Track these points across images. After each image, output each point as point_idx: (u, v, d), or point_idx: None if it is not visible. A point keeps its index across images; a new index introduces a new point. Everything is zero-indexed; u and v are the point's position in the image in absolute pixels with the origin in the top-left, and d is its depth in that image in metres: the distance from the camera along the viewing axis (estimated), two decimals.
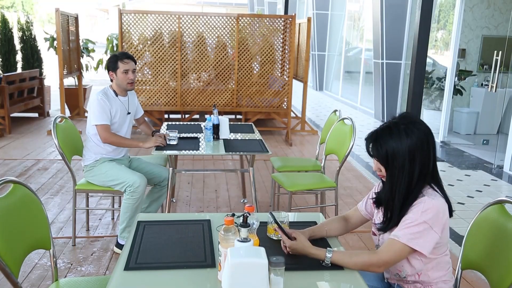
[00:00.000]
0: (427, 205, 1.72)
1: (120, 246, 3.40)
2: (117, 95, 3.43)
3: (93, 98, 3.34)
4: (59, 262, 3.29)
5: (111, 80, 3.43)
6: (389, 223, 1.84)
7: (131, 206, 3.29)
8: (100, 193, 4.28)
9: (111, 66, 3.38)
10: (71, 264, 3.27)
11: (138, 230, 2.03)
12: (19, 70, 8.95)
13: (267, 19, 7.23)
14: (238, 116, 8.45)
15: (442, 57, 8.65)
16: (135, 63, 3.45)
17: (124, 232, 3.36)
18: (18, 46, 8.90)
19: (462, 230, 4.01)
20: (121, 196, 3.60)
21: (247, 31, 7.14)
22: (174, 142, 3.57)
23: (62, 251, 3.46)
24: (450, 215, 1.80)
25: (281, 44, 7.29)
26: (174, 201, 4.57)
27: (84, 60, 9.03)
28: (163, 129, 4.19)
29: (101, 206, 4.41)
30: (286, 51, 7.33)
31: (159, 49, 6.99)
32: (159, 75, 7.08)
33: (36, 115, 8.72)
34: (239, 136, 4.02)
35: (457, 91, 7.99)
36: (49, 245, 2.05)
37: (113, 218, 4.10)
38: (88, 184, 3.47)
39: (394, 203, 1.81)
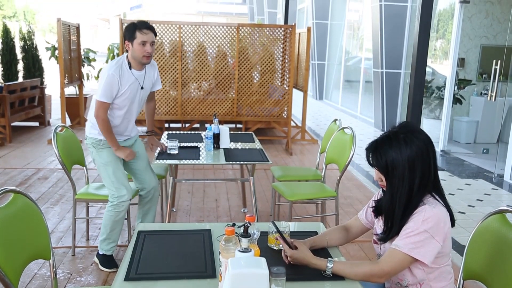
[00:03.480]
0: (428, 213, 1.72)
1: (99, 256, 3.34)
2: (131, 68, 3.15)
3: (104, 71, 3.08)
4: (59, 272, 3.27)
5: (127, 51, 3.16)
6: (389, 233, 1.83)
7: (112, 219, 3.23)
8: (100, 203, 4.27)
9: (128, 35, 3.07)
10: (71, 274, 3.25)
11: (138, 240, 2.02)
12: (20, 79, 8.98)
13: (267, 28, 7.26)
14: (239, 125, 8.45)
15: (442, 66, 8.68)
16: (155, 35, 3.14)
17: (104, 243, 3.30)
18: (19, 55, 8.94)
19: (464, 240, 4.00)
20: None
21: (247, 40, 7.17)
22: (175, 152, 3.57)
23: (62, 261, 3.44)
24: (452, 224, 1.79)
25: (281, 54, 7.32)
26: (174, 210, 4.56)
27: (85, 69, 9.07)
28: (164, 138, 4.19)
29: (101, 216, 4.37)
30: (286, 61, 7.36)
31: (159, 58, 7.01)
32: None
33: (36, 124, 8.73)
34: (239, 145, 4.02)
35: (456, 100, 8.00)
36: (48, 255, 2.04)
37: None
38: (88, 194, 3.46)
39: (395, 213, 1.80)
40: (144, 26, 3.07)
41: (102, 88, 3.06)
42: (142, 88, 3.25)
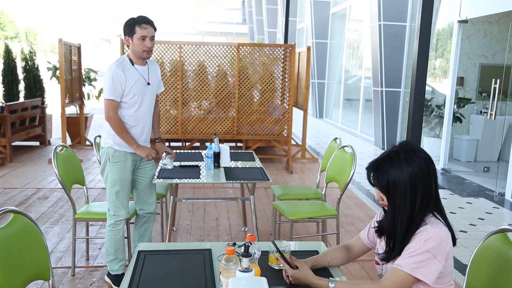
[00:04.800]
0: (430, 233, 1.71)
1: (111, 277, 3.33)
2: (133, 64, 3.13)
3: (107, 70, 3.06)
4: None
5: (127, 46, 3.13)
6: (392, 253, 1.82)
7: (113, 238, 3.24)
8: (100, 222, 4.25)
9: (127, 30, 3.06)
10: None
11: (138, 260, 2.01)
12: (21, 99, 9.02)
13: (267, 48, 7.32)
14: (239, 144, 8.47)
15: (441, 85, 8.72)
16: (155, 30, 3.13)
17: (113, 263, 3.29)
18: (21, 75, 8.99)
19: (465, 259, 3.97)
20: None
21: (248, 60, 7.22)
22: (170, 167, 3.57)
23: (61, 282, 3.41)
24: (454, 243, 1.78)
25: (281, 73, 7.37)
26: (175, 229, 4.54)
27: (86, 89, 9.12)
28: (164, 157, 4.18)
29: (101, 235, 4.37)
30: (286, 80, 7.40)
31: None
32: (160, 103, 7.13)
33: (37, 143, 8.74)
34: (239, 164, 4.02)
35: (456, 119, 8.03)
36: (48, 275, 2.02)
37: None
38: (88, 213, 3.45)
39: (397, 233, 1.79)
40: (143, 20, 3.06)
41: (107, 86, 3.04)
42: (148, 83, 3.21)
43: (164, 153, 3.53)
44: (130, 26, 3.06)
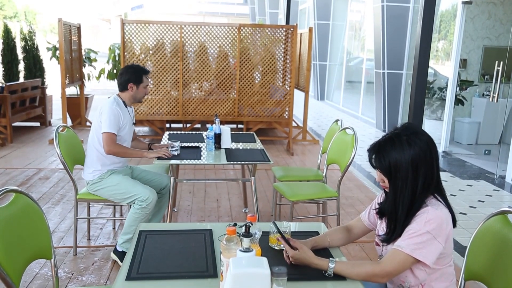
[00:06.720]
0: (431, 215, 1.71)
1: (117, 253, 3.36)
2: (126, 106, 3.42)
3: (107, 107, 3.28)
4: (60, 272, 3.27)
5: (122, 90, 3.39)
6: (392, 234, 1.83)
7: (139, 220, 3.24)
8: (102, 203, 4.27)
9: (134, 78, 3.37)
10: (72, 274, 3.26)
11: (139, 240, 2.02)
12: (21, 80, 8.99)
13: (269, 29, 7.26)
14: (240, 126, 8.45)
15: (444, 67, 8.67)
16: None
17: (127, 242, 3.32)
18: (20, 55, 8.95)
19: (465, 241, 3.99)
20: (123, 205, 3.61)
21: (249, 41, 7.17)
22: (176, 153, 3.57)
23: (63, 261, 3.44)
24: (454, 225, 1.79)
25: (282, 54, 7.32)
26: (176, 210, 4.56)
27: (86, 70, 9.07)
28: (165, 138, 4.19)
29: (103, 216, 4.40)
30: (288, 61, 7.35)
31: (161, 58, 7.01)
32: (161, 84, 7.10)
33: (37, 124, 8.73)
34: (240, 145, 4.02)
35: (458, 101, 8.00)
36: (50, 254, 2.04)
37: (114, 228, 4.09)
38: (90, 194, 3.46)
39: (398, 215, 1.80)
40: (148, 71, 3.48)
41: (107, 121, 3.25)
42: (134, 123, 3.54)
43: (168, 138, 3.64)
44: (137, 75, 3.38)
